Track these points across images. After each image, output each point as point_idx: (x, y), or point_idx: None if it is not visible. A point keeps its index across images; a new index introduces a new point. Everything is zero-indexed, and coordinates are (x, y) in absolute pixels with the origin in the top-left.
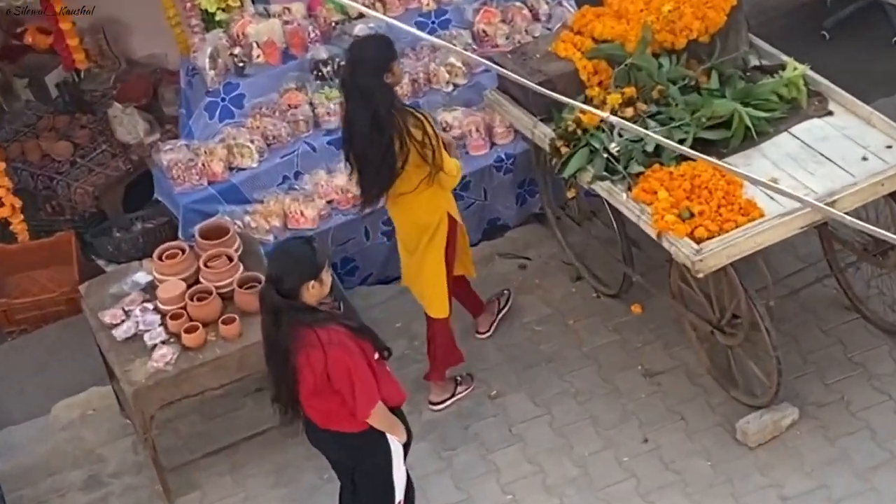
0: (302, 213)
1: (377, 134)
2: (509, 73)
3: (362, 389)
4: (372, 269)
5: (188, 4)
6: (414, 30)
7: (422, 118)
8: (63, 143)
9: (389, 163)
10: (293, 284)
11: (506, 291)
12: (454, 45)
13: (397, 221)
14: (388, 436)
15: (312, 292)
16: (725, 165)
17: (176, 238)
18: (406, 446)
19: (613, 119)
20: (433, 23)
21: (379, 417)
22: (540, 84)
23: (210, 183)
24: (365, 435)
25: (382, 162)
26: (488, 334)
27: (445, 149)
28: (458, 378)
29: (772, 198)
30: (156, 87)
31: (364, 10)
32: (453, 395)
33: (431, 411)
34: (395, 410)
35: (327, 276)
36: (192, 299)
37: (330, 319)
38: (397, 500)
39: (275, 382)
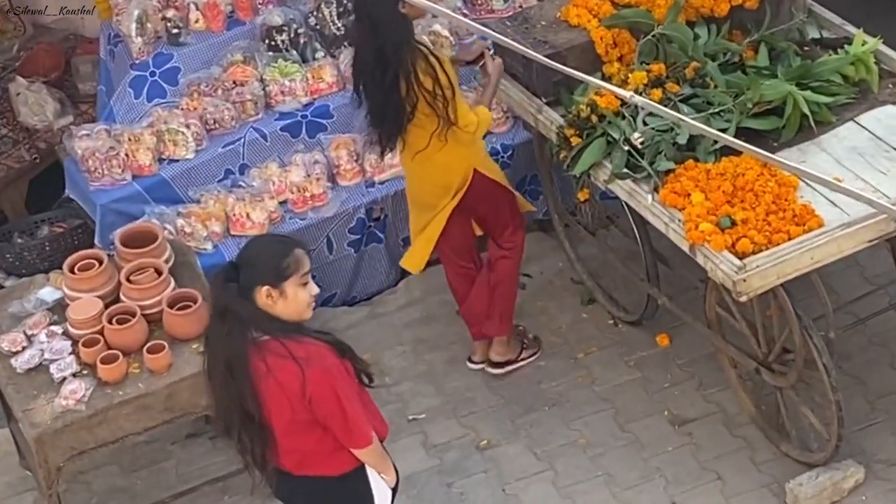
0: (248, 216)
1: (380, 71)
2: (509, 43)
3: (356, 414)
4: (336, 288)
5: None
6: None
7: (435, 64)
8: None
9: (395, 105)
10: (246, 282)
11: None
12: (440, 8)
13: (414, 179)
14: (373, 481)
15: (266, 302)
16: (778, 160)
17: (92, 245)
18: (393, 491)
19: (638, 101)
20: None
21: (373, 449)
22: (547, 58)
23: (135, 177)
24: (346, 479)
25: (387, 102)
26: (482, 367)
27: (481, 68)
28: (524, 342)
29: (834, 203)
30: (69, 59)
31: None
32: (518, 360)
33: (493, 375)
34: None
35: (296, 291)
36: (110, 322)
37: (300, 331)
38: None
39: (239, 419)
